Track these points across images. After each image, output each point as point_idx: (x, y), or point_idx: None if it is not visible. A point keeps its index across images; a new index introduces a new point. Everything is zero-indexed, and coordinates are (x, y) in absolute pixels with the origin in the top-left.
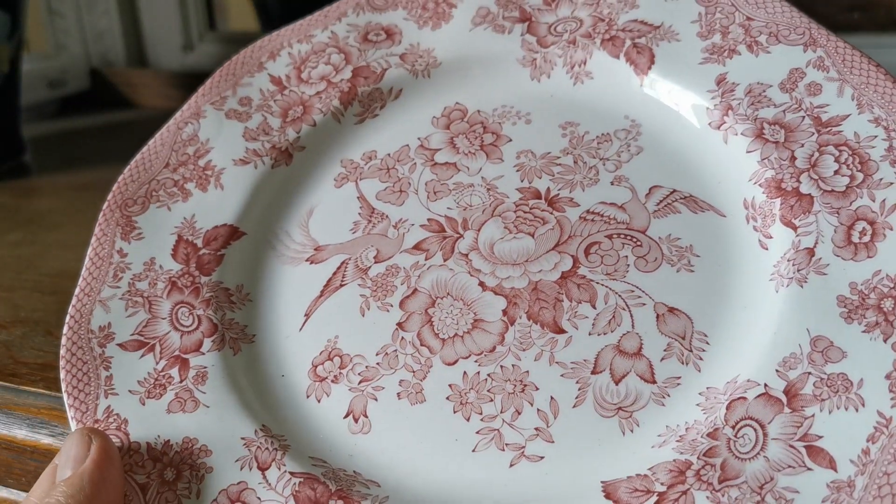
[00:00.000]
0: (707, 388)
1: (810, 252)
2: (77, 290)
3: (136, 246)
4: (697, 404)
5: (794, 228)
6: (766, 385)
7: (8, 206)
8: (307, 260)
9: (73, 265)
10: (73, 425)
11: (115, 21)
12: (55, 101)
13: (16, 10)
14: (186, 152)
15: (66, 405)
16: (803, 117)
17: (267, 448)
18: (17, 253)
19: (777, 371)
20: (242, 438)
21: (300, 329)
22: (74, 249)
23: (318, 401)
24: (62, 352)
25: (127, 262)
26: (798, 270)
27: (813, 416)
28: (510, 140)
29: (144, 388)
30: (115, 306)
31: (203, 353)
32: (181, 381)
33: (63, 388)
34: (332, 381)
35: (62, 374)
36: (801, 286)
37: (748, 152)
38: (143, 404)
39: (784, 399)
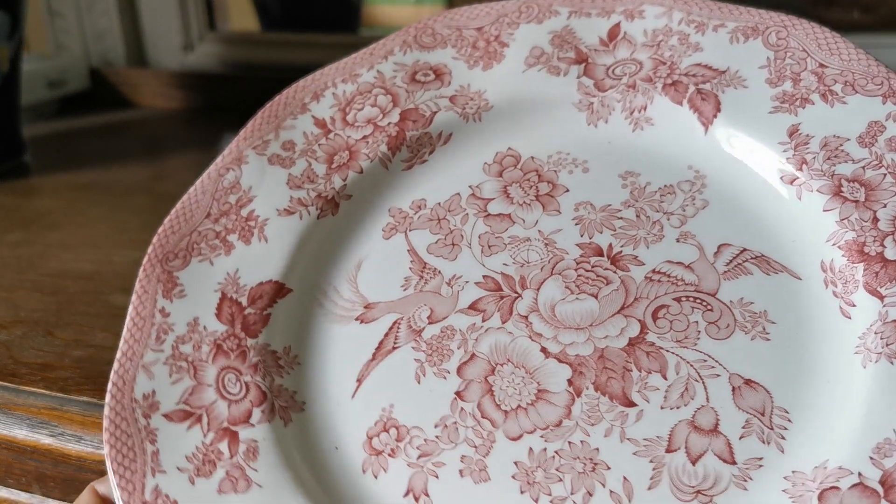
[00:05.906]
0: (793, 471)
1: None
2: (119, 355)
3: (179, 304)
4: (784, 490)
5: (881, 297)
6: (860, 474)
7: (8, 206)
8: (357, 319)
9: (73, 265)
10: None
11: (115, 21)
12: (55, 101)
13: (16, 10)
14: (228, 201)
15: (113, 484)
16: (885, 175)
17: None
18: (17, 253)
19: (871, 458)
20: None
21: (352, 396)
22: (74, 249)
23: (375, 477)
24: (106, 423)
25: (170, 322)
26: (887, 345)
27: None
28: (567, 190)
29: (193, 464)
30: (158, 372)
31: (252, 426)
32: (231, 458)
33: (108, 465)
34: (390, 455)
35: (107, 449)
36: (892, 363)
37: (825, 211)
38: (193, 483)
39: (881, 490)
